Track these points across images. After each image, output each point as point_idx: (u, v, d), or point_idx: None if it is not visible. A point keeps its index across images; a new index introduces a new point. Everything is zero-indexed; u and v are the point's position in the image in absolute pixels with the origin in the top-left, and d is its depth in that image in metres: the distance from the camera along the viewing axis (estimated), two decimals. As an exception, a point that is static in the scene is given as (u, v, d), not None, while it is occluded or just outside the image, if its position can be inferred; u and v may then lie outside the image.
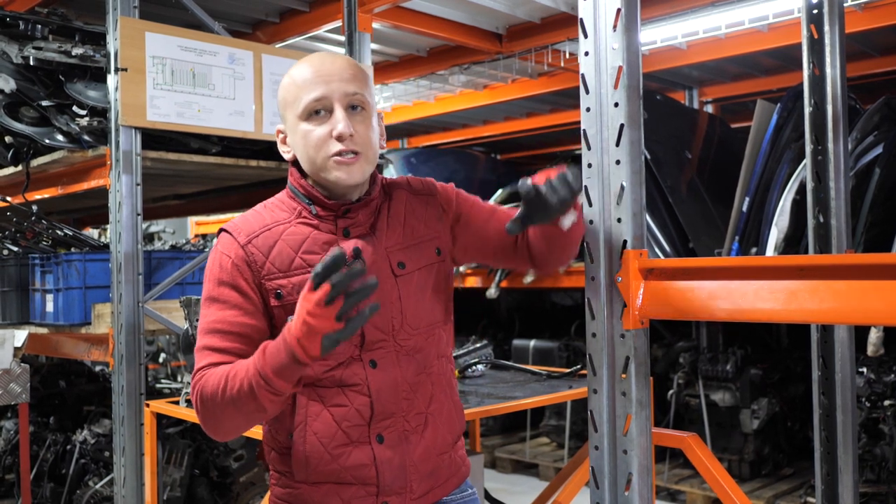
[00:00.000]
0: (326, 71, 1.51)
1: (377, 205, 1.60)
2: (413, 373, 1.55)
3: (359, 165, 1.51)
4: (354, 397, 1.50)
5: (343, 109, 1.50)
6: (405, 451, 1.53)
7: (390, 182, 1.67)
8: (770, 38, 5.02)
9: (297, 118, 1.53)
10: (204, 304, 1.53)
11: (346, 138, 1.49)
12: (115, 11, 3.09)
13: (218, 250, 1.56)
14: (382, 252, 1.56)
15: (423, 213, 1.64)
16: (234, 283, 1.51)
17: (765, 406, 4.71)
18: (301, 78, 1.52)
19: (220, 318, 1.49)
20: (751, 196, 4.31)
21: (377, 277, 1.45)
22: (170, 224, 8.92)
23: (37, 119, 3.41)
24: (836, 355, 2.49)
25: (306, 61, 1.55)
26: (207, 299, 1.53)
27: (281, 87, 1.58)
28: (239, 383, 1.37)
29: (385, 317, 1.53)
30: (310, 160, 1.53)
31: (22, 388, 3.28)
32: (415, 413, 1.55)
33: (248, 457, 3.94)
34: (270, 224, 1.56)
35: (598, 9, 1.69)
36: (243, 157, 3.61)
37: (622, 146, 1.65)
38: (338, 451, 1.50)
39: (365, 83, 1.55)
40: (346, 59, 1.57)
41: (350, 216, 1.56)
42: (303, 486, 1.54)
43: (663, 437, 2.17)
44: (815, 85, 2.46)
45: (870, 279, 1.34)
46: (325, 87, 1.50)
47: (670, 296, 1.61)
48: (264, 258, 1.52)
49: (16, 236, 3.81)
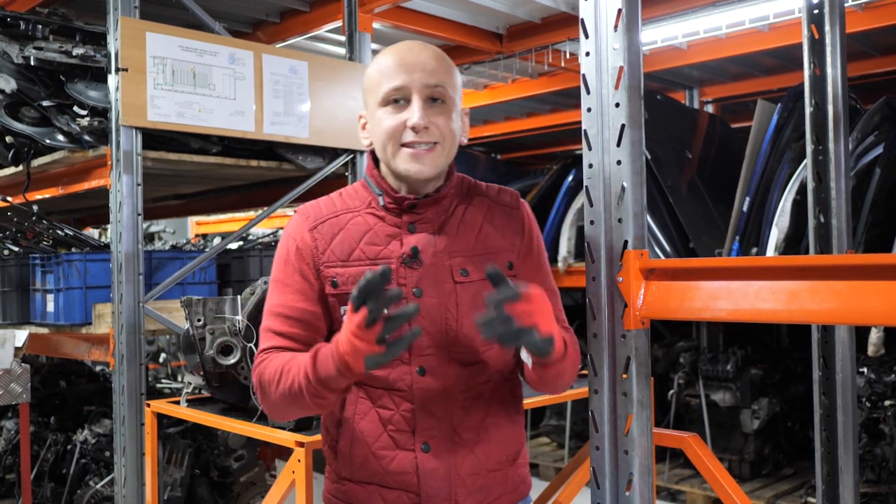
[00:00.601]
0: (410, 61, 1.49)
1: (450, 204, 1.55)
2: (465, 384, 1.50)
3: (432, 158, 1.48)
4: (399, 402, 1.48)
5: (422, 101, 1.47)
6: (452, 462, 1.49)
7: (474, 184, 1.62)
8: (770, 38, 5.03)
9: (376, 104, 1.51)
10: (271, 284, 1.55)
11: (420, 130, 1.46)
12: (116, 11, 3.09)
13: (288, 232, 1.57)
14: (445, 255, 1.50)
15: (503, 224, 1.58)
16: (298, 267, 1.52)
17: (765, 406, 4.71)
18: (384, 65, 1.50)
19: (283, 303, 1.51)
20: (751, 196, 4.31)
21: (434, 282, 1.46)
22: (170, 224, 8.92)
23: (37, 119, 3.41)
24: (836, 355, 2.48)
25: (393, 49, 1.53)
26: (274, 280, 1.55)
27: (366, 73, 1.55)
28: (291, 380, 1.40)
29: (438, 323, 1.48)
30: (382, 147, 1.51)
31: (22, 387, 3.28)
32: (466, 426, 1.50)
33: (248, 457, 3.94)
34: (340, 211, 1.55)
35: (599, 9, 1.69)
36: (244, 157, 3.61)
37: (623, 146, 1.65)
38: (382, 454, 1.49)
39: (449, 76, 1.51)
40: (433, 51, 1.53)
41: (418, 211, 1.52)
42: (348, 484, 1.54)
43: (664, 437, 2.17)
44: (815, 85, 2.46)
45: (870, 280, 1.34)
46: (406, 76, 1.47)
47: (671, 296, 1.61)
48: (326, 245, 1.51)
49: (16, 236, 3.82)
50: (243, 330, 2.49)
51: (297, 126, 3.56)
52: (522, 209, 1.62)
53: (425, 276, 1.48)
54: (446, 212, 1.54)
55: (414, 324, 1.44)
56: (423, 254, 1.48)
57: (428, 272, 1.48)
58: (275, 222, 9.88)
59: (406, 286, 1.47)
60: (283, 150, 3.66)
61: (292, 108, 3.54)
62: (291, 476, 2.14)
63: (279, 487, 2.19)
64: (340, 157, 3.82)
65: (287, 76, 3.53)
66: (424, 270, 1.48)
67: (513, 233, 1.58)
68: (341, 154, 3.82)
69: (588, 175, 1.72)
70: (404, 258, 1.48)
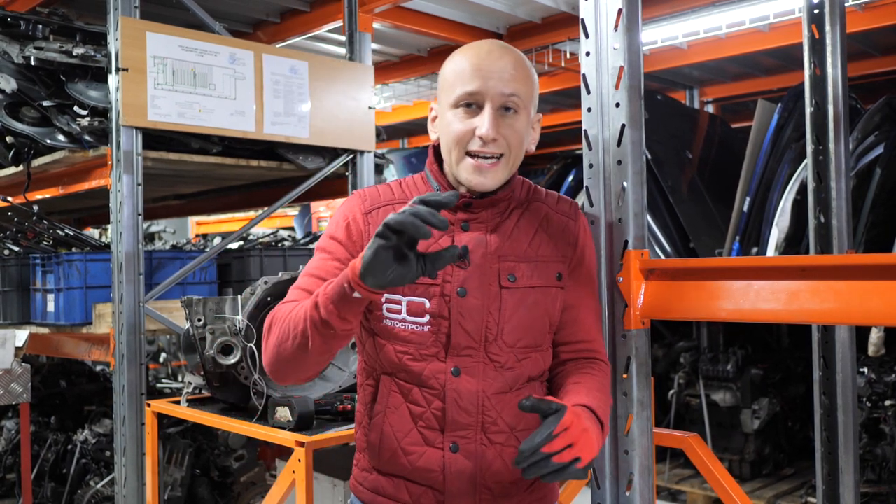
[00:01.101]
0: (487, 67, 1.45)
1: (506, 207, 1.52)
2: (499, 389, 1.48)
3: (494, 172, 1.46)
4: (431, 400, 1.47)
5: (493, 109, 1.45)
6: (479, 465, 1.48)
7: (534, 190, 1.59)
8: (771, 37, 5.03)
9: (448, 104, 1.48)
10: (315, 252, 1.55)
11: (488, 141, 1.44)
12: (116, 11, 3.09)
13: (342, 210, 1.56)
14: (495, 258, 1.48)
15: (557, 233, 1.55)
16: (345, 244, 1.51)
17: (765, 406, 4.70)
18: (461, 67, 1.47)
19: (321, 267, 1.50)
20: (752, 196, 4.31)
21: (480, 284, 1.45)
22: (170, 224, 8.93)
23: (38, 119, 3.41)
24: (837, 355, 2.48)
25: (473, 50, 1.49)
26: (319, 248, 1.55)
27: (444, 68, 1.52)
28: (298, 311, 1.38)
29: (478, 325, 1.46)
30: (448, 150, 1.49)
31: (23, 387, 3.28)
32: (497, 430, 1.48)
33: (248, 457, 3.94)
34: (397, 200, 1.54)
35: (600, 9, 1.69)
36: (244, 157, 3.61)
37: (623, 146, 1.65)
38: (411, 449, 1.48)
39: (526, 85, 1.48)
40: (514, 58, 1.48)
41: (473, 210, 1.50)
42: (375, 474, 1.54)
43: (664, 437, 2.17)
44: (816, 85, 2.46)
45: (871, 279, 1.34)
46: (481, 82, 1.44)
47: (671, 296, 1.61)
48: None
49: (17, 236, 3.82)
50: (243, 330, 2.49)
51: (298, 126, 3.56)
52: (580, 221, 1.59)
53: (472, 277, 1.47)
54: (502, 214, 1.52)
55: (454, 323, 1.44)
56: (473, 254, 1.47)
57: (475, 273, 1.47)
58: (275, 222, 9.90)
59: (451, 283, 1.46)
60: (284, 150, 3.66)
61: (292, 108, 3.54)
62: (291, 476, 2.14)
63: (279, 487, 2.19)
64: (341, 157, 3.82)
65: (287, 76, 3.53)
66: (472, 271, 1.47)
67: (566, 244, 1.55)
68: (341, 154, 3.82)
69: (588, 175, 1.72)
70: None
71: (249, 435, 2.50)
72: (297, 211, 9.42)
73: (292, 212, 9.59)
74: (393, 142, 8.77)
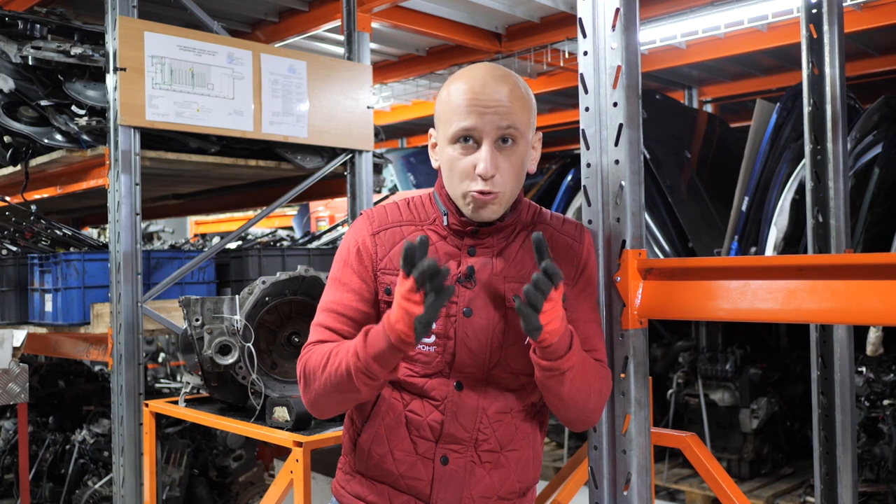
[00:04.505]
0: (483, 101, 1.43)
1: (512, 231, 1.54)
2: (497, 409, 1.50)
3: (491, 207, 1.46)
4: (430, 410, 1.49)
5: (491, 144, 1.44)
6: (466, 481, 1.50)
7: (540, 212, 1.61)
8: (769, 37, 5.03)
9: (446, 138, 1.48)
10: (329, 282, 1.57)
11: (487, 178, 1.44)
12: (114, 11, 3.09)
13: (350, 233, 1.58)
14: (501, 279, 1.50)
15: (562, 255, 1.56)
16: (356, 269, 1.53)
17: (764, 405, 4.70)
18: (456, 101, 1.45)
19: (338, 300, 1.53)
20: (750, 195, 4.31)
21: (485, 304, 1.47)
22: (169, 224, 8.92)
23: (35, 119, 3.41)
24: (835, 355, 2.49)
25: (468, 79, 1.47)
26: (332, 278, 1.57)
27: (440, 97, 1.51)
28: (339, 362, 1.40)
29: (482, 345, 1.48)
30: (450, 185, 1.50)
31: (21, 387, 3.27)
32: (488, 449, 1.51)
33: (247, 457, 3.94)
34: (405, 221, 1.56)
35: (597, 8, 1.69)
36: (242, 157, 3.61)
37: (621, 146, 1.65)
38: (401, 457, 1.50)
39: (523, 113, 1.46)
40: (509, 87, 1.46)
41: (479, 237, 1.52)
42: (359, 478, 1.55)
43: (662, 436, 2.17)
44: (814, 84, 2.46)
45: (869, 279, 1.34)
46: (477, 118, 1.43)
47: (669, 295, 1.61)
48: (386, 252, 1.53)
49: (15, 236, 3.81)
50: (241, 330, 2.49)
51: (296, 126, 3.56)
52: (584, 242, 1.60)
53: (477, 297, 1.49)
54: (507, 238, 1.54)
55: (459, 343, 1.47)
56: (479, 274, 1.49)
57: (481, 293, 1.48)
58: (273, 222, 9.89)
59: (457, 304, 1.48)
60: (282, 149, 3.66)
61: (291, 108, 3.54)
62: (290, 476, 2.14)
63: (277, 487, 2.19)
64: (339, 156, 3.82)
65: (286, 76, 3.52)
66: (477, 291, 1.49)
67: (570, 265, 1.56)
68: (340, 154, 3.82)
69: (586, 174, 1.72)
70: (459, 277, 1.49)
71: (247, 435, 2.49)
72: (295, 210, 9.43)
73: (291, 211, 9.60)
74: (392, 141, 8.77)
